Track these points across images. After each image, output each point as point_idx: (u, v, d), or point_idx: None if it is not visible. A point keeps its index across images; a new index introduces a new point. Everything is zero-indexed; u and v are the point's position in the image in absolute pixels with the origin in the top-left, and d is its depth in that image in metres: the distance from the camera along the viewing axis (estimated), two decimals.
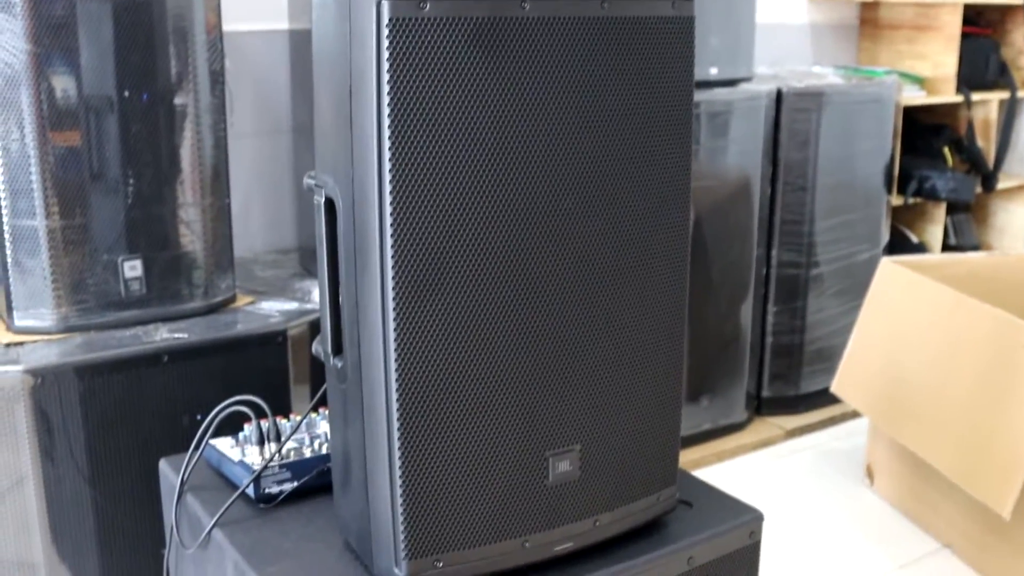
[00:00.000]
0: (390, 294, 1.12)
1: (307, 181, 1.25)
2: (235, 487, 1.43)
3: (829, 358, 3.13)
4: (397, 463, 1.16)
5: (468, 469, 1.19)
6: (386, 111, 1.08)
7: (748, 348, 3.06)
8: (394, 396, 1.14)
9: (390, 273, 1.12)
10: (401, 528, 1.17)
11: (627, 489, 1.31)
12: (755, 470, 2.90)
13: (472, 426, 1.18)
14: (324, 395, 1.36)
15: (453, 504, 1.19)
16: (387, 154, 1.09)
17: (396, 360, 1.13)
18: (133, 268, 1.91)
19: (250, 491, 1.43)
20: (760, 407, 3.19)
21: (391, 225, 1.10)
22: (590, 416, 1.25)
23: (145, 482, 1.86)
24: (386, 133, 1.08)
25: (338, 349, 1.25)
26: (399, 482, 1.16)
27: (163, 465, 1.59)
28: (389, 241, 1.11)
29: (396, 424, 1.15)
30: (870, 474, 2.79)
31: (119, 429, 1.84)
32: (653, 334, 1.29)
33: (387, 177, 1.09)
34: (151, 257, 1.93)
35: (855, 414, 3.21)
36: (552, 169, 1.17)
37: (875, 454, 2.77)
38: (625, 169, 1.22)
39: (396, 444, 1.15)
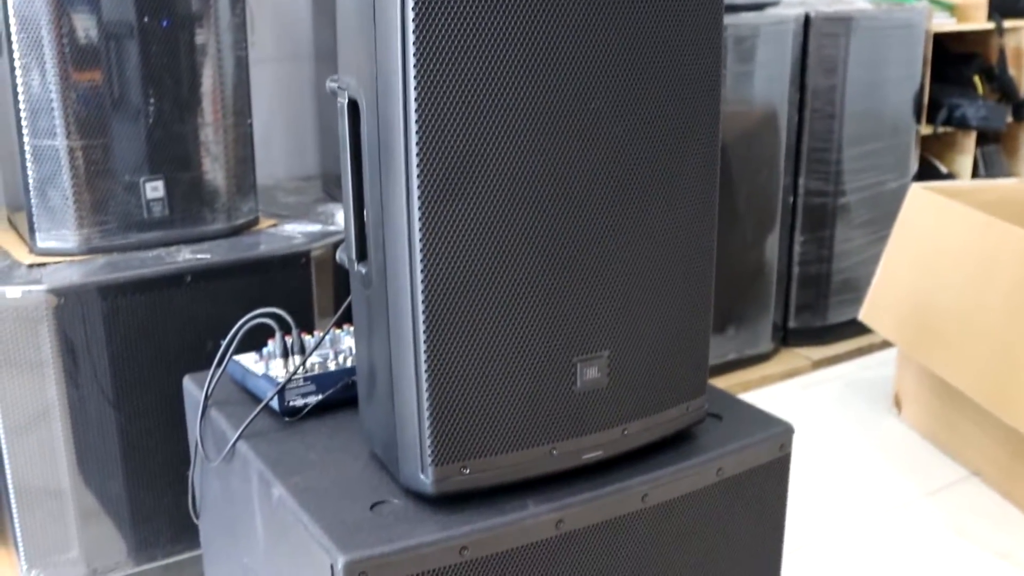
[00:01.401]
0: (415, 194, 1.10)
1: (330, 85, 1.23)
2: (259, 401, 1.42)
3: (856, 289, 3.10)
4: (423, 368, 1.14)
5: (495, 374, 1.17)
6: (410, 4, 1.05)
7: (774, 278, 3.03)
8: (420, 299, 1.12)
9: (415, 172, 1.09)
10: (427, 434, 1.16)
11: (656, 398, 1.29)
12: (781, 400, 2.88)
13: (499, 330, 1.16)
14: (349, 308, 1.35)
15: (480, 410, 1.17)
16: (411, 48, 1.06)
17: (422, 262, 1.11)
18: (155, 189, 1.89)
19: (275, 404, 1.41)
20: (786, 338, 3.17)
21: (416, 122, 1.08)
22: (619, 322, 1.23)
23: (169, 404, 1.85)
24: (410, 27, 1.06)
25: (363, 255, 1.23)
26: (425, 387, 1.15)
27: (187, 381, 1.58)
28: (414, 139, 1.08)
29: (422, 328, 1.13)
30: (898, 403, 2.77)
31: (142, 350, 1.83)
32: (683, 240, 1.26)
33: (411, 73, 1.07)
34: (173, 178, 1.91)
35: (883, 345, 3.19)
36: (582, 67, 1.14)
37: (903, 383, 2.74)
38: (656, 71, 1.19)
39: (422, 348, 1.14)
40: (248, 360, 1.51)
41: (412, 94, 1.07)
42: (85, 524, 1.86)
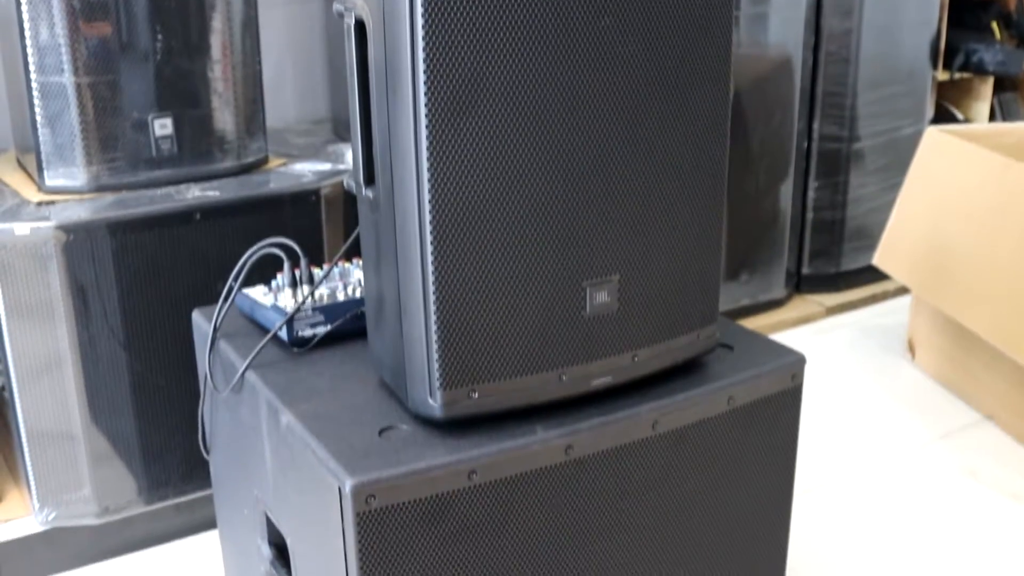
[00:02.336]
0: (422, 114, 1.08)
1: (336, 7, 1.21)
2: (268, 332, 1.41)
3: (870, 235, 3.07)
4: (431, 290, 1.13)
5: (504, 297, 1.16)
6: None
7: (788, 224, 3.00)
8: (427, 221, 1.11)
9: (422, 92, 1.08)
10: (435, 357, 1.15)
11: (666, 324, 1.28)
12: (794, 345, 2.84)
13: (508, 252, 1.15)
14: (358, 239, 1.34)
15: (488, 333, 1.16)
16: None
17: (429, 183, 1.10)
18: (164, 126, 1.88)
19: (283, 334, 1.41)
20: (800, 284, 3.15)
21: (423, 39, 1.06)
22: (629, 246, 1.22)
23: (179, 343, 1.85)
24: None
25: (370, 179, 1.21)
26: (433, 310, 1.14)
27: (196, 315, 1.58)
28: (421, 58, 1.07)
29: (429, 250, 1.12)
30: (911, 348, 2.75)
31: (152, 289, 1.83)
32: (695, 165, 1.25)
33: None
34: (181, 116, 1.90)
35: (896, 293, 3.17)
36: None
37: (917, 328, 2.73)
38: None
39: (430, 271, 1.13)
40: (257, 293, 1.50)
41: (419, 10, 1.05)
42: (96, 463, 1.86)
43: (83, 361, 1.81)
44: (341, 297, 1.45)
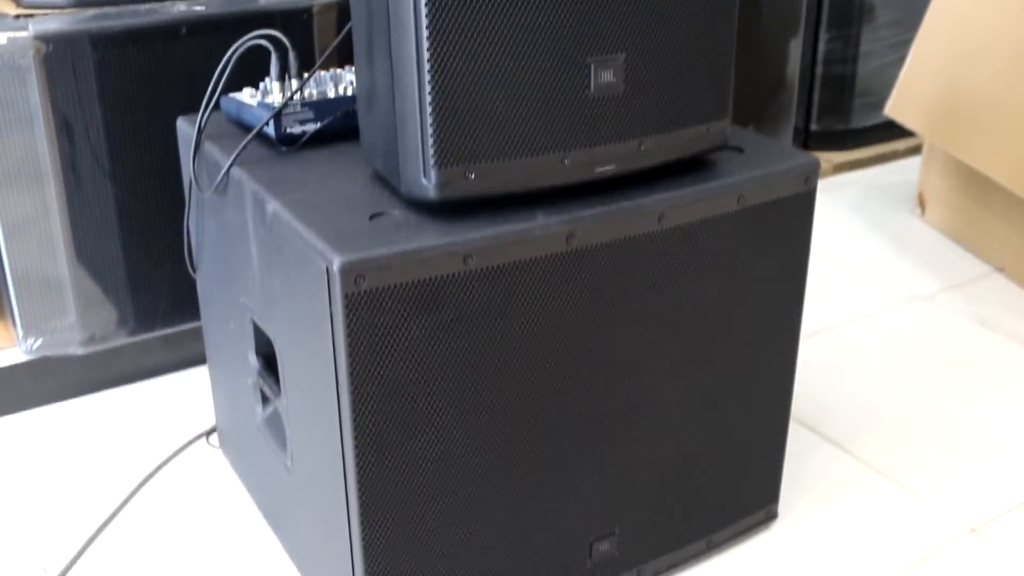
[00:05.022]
0: None
1: None
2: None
3: (881, 93, 2.98)
4: (425, 57, 1.05)
5: (503, 71, 1.08)
6: None
7: (797, 79, 2.91)
8: None
9: None
10: (430, 132, 1.08)
11: (674, 113, 1.21)
12: None
13: (507, 22, 1.07)
14: (350, 39, 1.25)
15: (486, 109, 1.09)
16: None
17: None
18: None
19: (271, 131, 1.34)
20: (808, 141, 3.07)
21: None
22: (637, 24, 1.14)
23: (166, 166, 1.79)
24: None
25: None
26: (428, 80, 1.06)
27: (180, 122, 1.51)
28: None
29: (424, 19, 1.04)
30: (921, 203, 2.68)
31: (137, 107, 1.75)
32: None
33: None
34: None
35: (907, 153, 3.10)
36: None
37: (928, 182, 2.66)
38: None
39: (424, 40, 1.05)
40: (243, 95, 1.43)
41: None
42: (81, 290, 1.80)
43: (66, 182, 1.74)
44: (332, 95, 1.37)
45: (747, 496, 1.49)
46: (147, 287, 1.85)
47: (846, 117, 3.04)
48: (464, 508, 1.21)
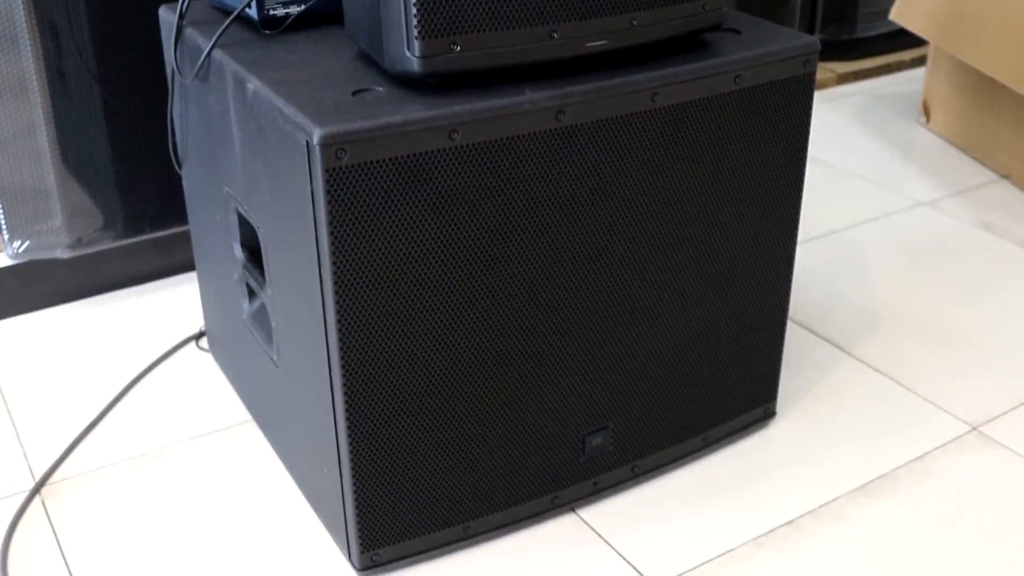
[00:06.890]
0: None
1: None
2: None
3: (885, 1, 2.92)
4: None
5: None
6: None
7: None
8: None
9: None
10: (413, 3, 1.03)
11: None
12: None
13: None
14: None
15: None
16: None
17: None
18: None
19: (253, 13, 1.29)
20: None
21: None
22: None
23: (151, 66, 1.74)
24: None
25: None
26: None
27: (162, 11, 1.46)
28: None
29: None
30: (926, 111, 2.63)
31: (126, 17, 1.71)
32: None
33: None
34: None
35: (912, 64, 3.04)
36: None
37: (933, 89, 2.60)
38: None
39: None
40: None
41: None
42: (67, 191, 1.77)
43: (50, 86, 1.70)
44: None
45: (745, 393, 1.46)
46: (134, 189, 1.82)
47: (851, 26, 2.98)
48: (452, 399, 1.18)
